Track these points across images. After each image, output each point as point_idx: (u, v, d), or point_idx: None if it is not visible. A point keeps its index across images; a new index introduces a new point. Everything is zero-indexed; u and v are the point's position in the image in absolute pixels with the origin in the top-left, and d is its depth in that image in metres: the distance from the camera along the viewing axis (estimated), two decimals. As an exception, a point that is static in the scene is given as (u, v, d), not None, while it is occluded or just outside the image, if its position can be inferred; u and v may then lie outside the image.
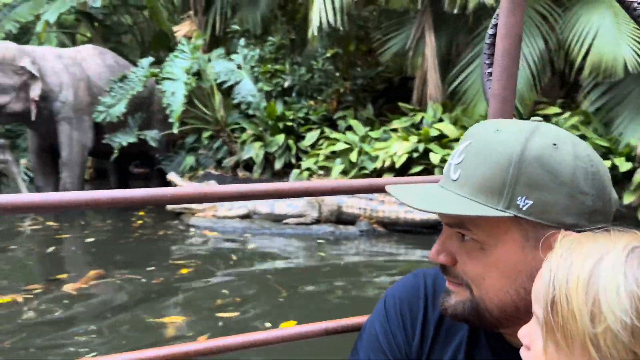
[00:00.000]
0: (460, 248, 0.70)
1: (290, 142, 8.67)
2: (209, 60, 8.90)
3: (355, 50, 9.50)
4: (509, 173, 0.64)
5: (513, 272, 0.67)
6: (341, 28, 7.13)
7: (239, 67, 8.16)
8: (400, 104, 8.16)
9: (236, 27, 9.94)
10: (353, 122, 8.24)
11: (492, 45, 1.05)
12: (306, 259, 5.75)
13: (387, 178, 1.08)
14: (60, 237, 6.46)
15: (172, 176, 7.96)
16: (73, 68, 8.18)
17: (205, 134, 9.19)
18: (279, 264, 5.44)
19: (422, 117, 7.56)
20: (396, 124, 7.63)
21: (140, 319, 3.79)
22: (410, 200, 0.68)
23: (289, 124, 8.78)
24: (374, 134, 7.63)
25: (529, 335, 0.58)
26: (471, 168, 0.67)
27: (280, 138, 8.58)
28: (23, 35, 11.11)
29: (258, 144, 8.67)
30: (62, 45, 10.93)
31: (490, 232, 0.67)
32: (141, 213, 7.63)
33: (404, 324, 0.82)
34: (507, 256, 0.67)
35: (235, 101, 8.09)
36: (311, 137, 8.64)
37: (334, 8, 6.65)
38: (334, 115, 9.00)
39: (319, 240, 6.32)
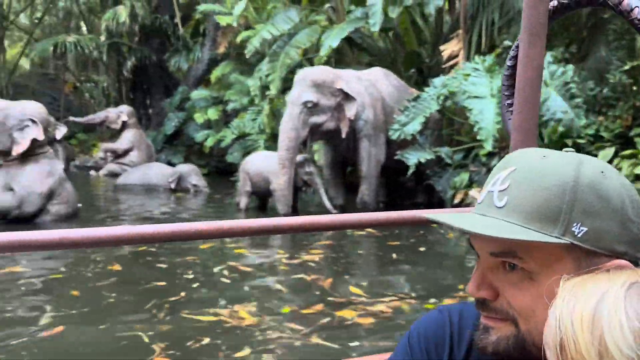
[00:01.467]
0: (505, 280, 0.67)
1: (580, 160, 8.29)
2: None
3: (652, 62, 8.80)
4: (565, 199, 0.63)
5: None
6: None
7: (546, 83, 8.06)
8: None
9: (508, 42, 9.87)
10: (667, 140, 7.60)
11: (511, 76, 1.05)
12: None
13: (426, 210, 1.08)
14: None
15: (474, 193, 8.09)
16: (370, 89, 8.80)
17: (483, 151, 9.21)
18: None
19: None
20: None
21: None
22: (468, 225, 0.64)
23: (580, 140, 8.41)
24: None
25: None
26: (521, 194, 0.65)
27: (570, 156, 8.25)
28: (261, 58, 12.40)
29: (544, 162, 8.44)
30: (300, 66, 11.89)
31: (542, 261, 0.64)
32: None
33: None
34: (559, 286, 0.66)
35: (544, 118, 7.99)
36: (604, 156, 8.16)
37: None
38: (629, 132, 8.41)
39: None
